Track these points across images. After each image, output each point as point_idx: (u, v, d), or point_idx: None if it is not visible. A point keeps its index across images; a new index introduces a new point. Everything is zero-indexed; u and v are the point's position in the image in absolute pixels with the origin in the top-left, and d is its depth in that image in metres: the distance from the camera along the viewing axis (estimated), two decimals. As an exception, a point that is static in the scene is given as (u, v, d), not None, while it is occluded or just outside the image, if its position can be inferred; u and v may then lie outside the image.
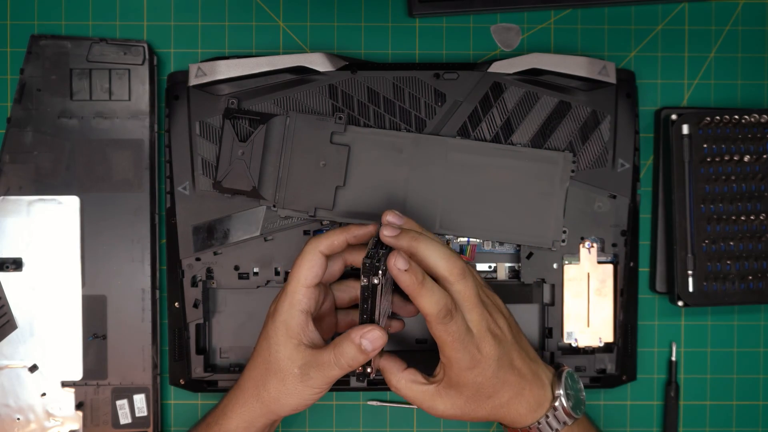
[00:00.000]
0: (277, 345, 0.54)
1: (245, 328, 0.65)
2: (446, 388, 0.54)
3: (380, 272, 0.50)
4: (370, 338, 0.52)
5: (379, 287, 0.51)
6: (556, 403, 0.55)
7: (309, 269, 0.54)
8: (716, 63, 0.68)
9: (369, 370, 0.54)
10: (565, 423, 0.55)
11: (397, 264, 0.50)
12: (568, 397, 0.56)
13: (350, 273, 0.60)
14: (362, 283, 0.50)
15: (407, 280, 0.50)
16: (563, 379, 0.56)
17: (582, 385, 0.58)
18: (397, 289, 0.55)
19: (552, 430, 0.55)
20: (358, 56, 0.67)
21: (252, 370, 0.56)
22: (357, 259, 0.58)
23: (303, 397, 0.54)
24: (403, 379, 0.56)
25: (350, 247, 0.57)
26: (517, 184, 0.63)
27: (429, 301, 0.51)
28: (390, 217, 0.54)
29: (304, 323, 0.54)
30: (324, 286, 0.58)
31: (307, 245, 0.55)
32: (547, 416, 0.55)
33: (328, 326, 0.59)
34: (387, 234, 0.53)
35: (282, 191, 0.62)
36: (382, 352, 0.56)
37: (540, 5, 0.67)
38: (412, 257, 0.52)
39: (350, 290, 0.60)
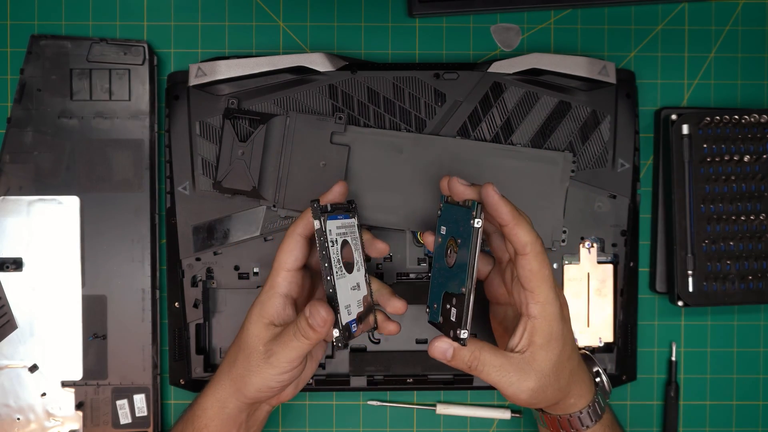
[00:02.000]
0: (249, 323, 0.55)
1: (245, 328, 0.65)
2: (537, 351, 0.51)
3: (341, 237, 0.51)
4: (311, 310, 0.50)
5: (350, 243, 0.51)
6: (597, 380, 0.56)
7: (289, 252, 0.54)
8: (716, 63, 0.68)
9: (462, 334, 0.50)
10: (600, 415, 0.55)
11: (496, 192, 0.50)
12: (601, 390, 0.57)
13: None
14: (315, 228, 0.50)
15: (507, 206, 0.50)
16: (593, 358, 0.58)
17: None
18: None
19: (591, 421, 0.55)
20: (358, 56, 0.67)
21: (229, 350, 0.57)
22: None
23: (264, 376, 0.54)
24: (482, 349, 0.51)
25: None
26: (517, 184, 0.63)
27: (526, 229, 0.50)
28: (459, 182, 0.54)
29: (280, 306, 0.54)
30: (313, 272, 0.57)
31: (287, 230, 0.55)
32: (597, 394, 0.55)
33: None
34: (461, 182, 0.52)
35: (282, 191, 0.62)
36: (375, 311, 0.56)
37: (540, 5, 0.67)
38: (504, 227, 0.51)
39: None
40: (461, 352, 0.51)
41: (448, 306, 0.51)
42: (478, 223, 0.49)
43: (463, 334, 0.49)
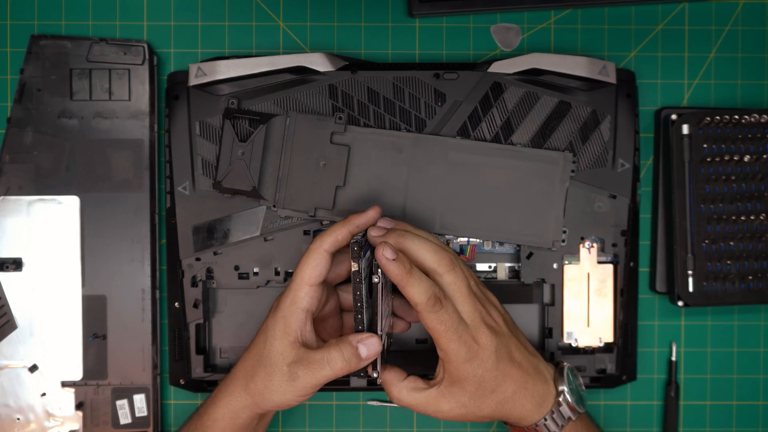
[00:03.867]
0: (273, 339, 0.54)
1: (245, 328, 0.65)
2: (448, 387, 0.54)
3: (376, 271, 0.51)
4: (368, 344, 0.52)
5: (378, 286, 0.51)
6: (560, 398, 0.55)
7: (313, 267, 0.54)
8: (716, 63, 0.68)
9: (376, 375, 0.54)
10: (569, 419, 0.55)
11: (384, 254, 0.51)
12: (571, 392, 0.56)
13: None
14: (352, 269, 0.51)
15: (395, 270, 0.51)
16: (565, 374, 0.56)
17: (581, 381, 0.58)
18: (398, 292, 0.55)
19: (557, 426, 0.55)
20: (358, 56, 0.67)
21: (245, 361, 0.56)
22: None
23: (286, 396, 0.54)
24: (404, 389, 0.55)
25: None
26: (517, 184, 0.63)
27: (417, 289, 0.51)
28: (381, 222, 0.56)
29: (303, 321, 0.54)
30: (329, 287, 0.58)
31: (313, 243, 0.55)
32: (552, 412, 0.55)
33: (332, 328, 0.59)
34: (374, 234, 0.54)
35: (282, 191, 0.62)
36: (386, 361, 0.56)
37: (540, 5, 0.67)
38: (406, 254, 0.52)
39: None
40: (388, 391, 0.56)
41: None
42: (375, 279, 0.51)
43: (374, 374, 0.54)
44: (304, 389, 0.53)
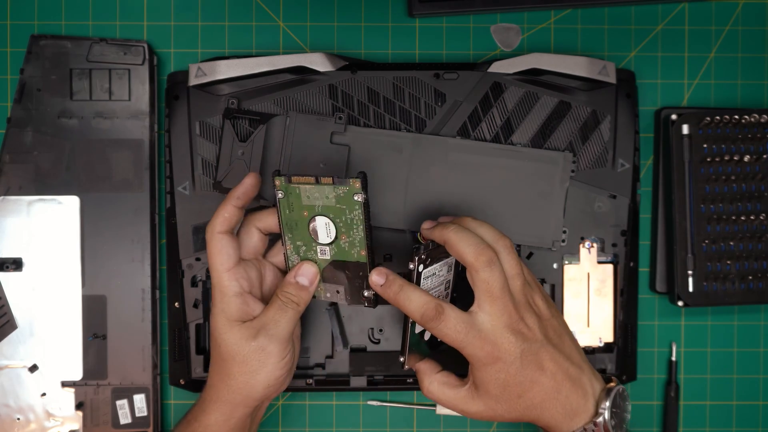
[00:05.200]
0: (223, 334, 0.54)
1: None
2: (475, 389, 0.53)
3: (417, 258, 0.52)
4: (303, 272, 0.55)
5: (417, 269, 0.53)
6: (599, 419, 0.53)
7: (218, 253, 0.54)
8: (716, 63, 0.68)
9: (402, 359, 0.55)
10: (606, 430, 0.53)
11: (375, 281, 0.53)
12: (612, 414, 0.53)
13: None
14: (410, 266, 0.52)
15: (385, 294, 0.53)
16: (612, 394, 0.54)
17: (630, 407, 0.56)
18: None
19: None
20: (358, 56, 0.67)
21: (213, 366, 0.56)
22: (268, 222, 0.57)
23: (270, 369, 0.54)
24: (435, 382, 0.55)
25: (255, 213, 0.57)
26: (517, 184, 0.63)
27: (408, 309, 0.52)
28: (442, 218, 0.57)
29: (241, 305, 0.54)
30: (256, 261, 0.57)
31: (206, 232, 0.55)
32: (585, 429, 0.53)
33: None
34: (424, 227, 0.55)
35: (282, 191, 0.62)
36: (428, 355, 0.56)
37: (540, 5, 0.67)
38: (446, 247, 0.52)
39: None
40: (420, 380, 0.56)
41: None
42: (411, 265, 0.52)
43: (401, 358, 0.55)
44: (279, 347, 0.54)
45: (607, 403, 0.53)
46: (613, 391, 0.54)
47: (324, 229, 0.53)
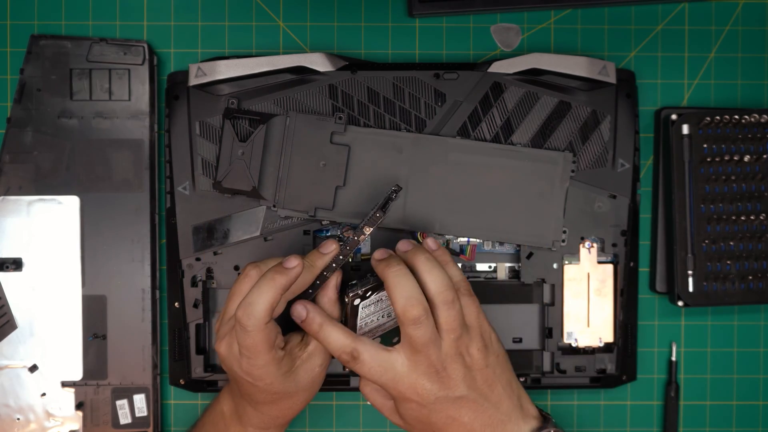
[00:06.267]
0: (257, 371, 0.53)
1: (245, 328, 0.65)
2: (398, 408, 0.55)
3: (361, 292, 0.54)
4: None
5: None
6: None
7: (264, 342, 0.52)
8: (716, 63, 0.68)
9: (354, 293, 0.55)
10: None
11: (293, 314, 0.54)
12: None
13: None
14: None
15: (306, 328, 0.54)
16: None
17: None
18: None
19: None
20: (358, 56, 0.67)
21: (238, 410, 0.58)
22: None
23: (307, 368, 0.55)
24: (369, 386, 0.56)
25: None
26: (517, 184, 0.63)
27: (328, 348, 0.53)
28: (401, 245, 0.56)
29: (270, 346, 0.53)
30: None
31: (246, 318, 0.51)
32: None
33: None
34: (375, 256, 0.55)
35: (282, 191, 0.62)
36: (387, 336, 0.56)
37: (540, 5, 0.67)
38: (385, 287, 0.52)
39: None
40: (360, 384, 0.57)
41: None
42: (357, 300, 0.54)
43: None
44: (310, 383, 0.56)
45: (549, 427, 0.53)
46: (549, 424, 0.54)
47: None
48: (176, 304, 0.64)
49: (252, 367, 0.52)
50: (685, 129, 0.64)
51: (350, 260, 0.54)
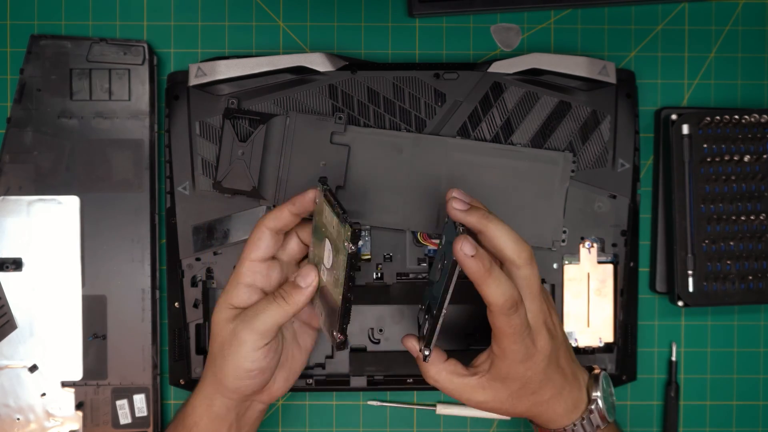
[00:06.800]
0: (215, 314, 0.55)
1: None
2: (491, 381, 0.53)
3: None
4: (302, 274, 0.53)
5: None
6: (593, 407, 0.54)
7: (253, 243, 0.54)
8: (716, 63, 0.68)
9: (427, 353, 0.52)
10: (598, 426, 0.54)
11: (463, 249, 0.47)
12: (604, 400, 0.54)
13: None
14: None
15: (473, 266, 0.47)
16: (600, 381, 0.55)
17: (613, 389, 0.57)
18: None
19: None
20: (358, 56, 0.67)
21: (209, 358, 0.56)
22: (307, 233, 0.57)
23: (237, 357, 0.53)
24: (444, 371, 0.53)
25: (303, 222, 0.56)
26: (517, 184, 0.63)
27: (496, 291, 0.48)
28: (456, 192, 0.51)
29: (245, 295, 0.54)
30: (284, 264, 0.57)
31: (257, 222, 0.55)
32: (583, 419, 0.54)
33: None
34: (456, 207, 0.50)
35: (282, 191, 0.62)
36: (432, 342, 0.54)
37: (540, 5, 0.67)
38: (480, 236, 0.50)
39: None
40: (425, 369, 0.54)
41: (426, 316, 0.53)
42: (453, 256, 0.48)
43: (426, 351, 0.52)
44: (252, 344, 0.53)
45: (599, 392, 0.54)
46: (600, 378, 0.55)
47: (328, 253, 0.53)
48: (176, 304, 0.64)
49: (236, 268, 0.55)
50: (685, 129, 0.64)
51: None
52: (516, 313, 0.49)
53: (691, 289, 0.64)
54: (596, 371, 0.56)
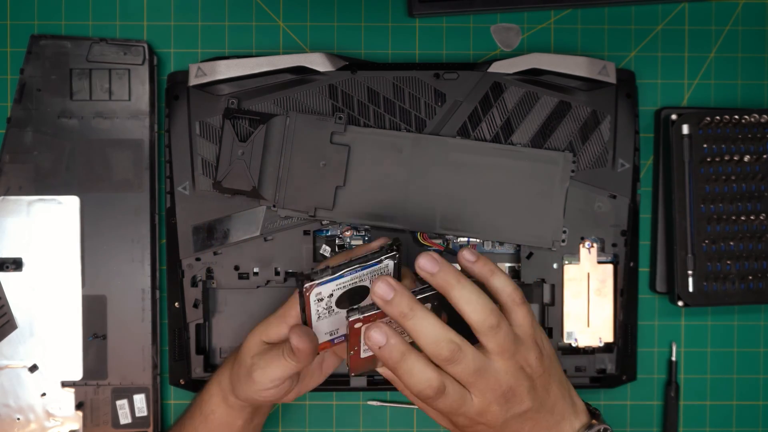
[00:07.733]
0: (249, 336, 0.56)
1: (245, 328, 0.65)
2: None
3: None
4: (295, 335, 0.51)
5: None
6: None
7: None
8: (716, 63, 0.68)
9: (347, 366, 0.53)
10: None
11: (368, 341, 0.48)
12: None
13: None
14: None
15: (384, 356, 0.48)
16: None
17: None
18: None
19: None
20: (358, 56, 0.67)
21: (235, 350, 0.58)
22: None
23: (247, 390, 0.55)
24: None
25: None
26: (517, 184, 0.63)
27: (410, 378, 0.48)
28: (466, 253, 0.51)
29: (283, 334, 0.55)
30: None
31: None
32: None
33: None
34: (468, 258, 0.50)
35: (282, 191, 0.62)
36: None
37: (540, 5, 0.67)
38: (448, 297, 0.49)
39: None
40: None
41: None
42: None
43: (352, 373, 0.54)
44: (261, 381, 0.54)
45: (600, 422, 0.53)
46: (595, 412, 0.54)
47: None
48: (176, 304, 0.64)
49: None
50: (685, 129, 0.64)
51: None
52: (437, 396, 0.48)
53: (691, 289, 0.64)
54: (594, 422, 0.53)
